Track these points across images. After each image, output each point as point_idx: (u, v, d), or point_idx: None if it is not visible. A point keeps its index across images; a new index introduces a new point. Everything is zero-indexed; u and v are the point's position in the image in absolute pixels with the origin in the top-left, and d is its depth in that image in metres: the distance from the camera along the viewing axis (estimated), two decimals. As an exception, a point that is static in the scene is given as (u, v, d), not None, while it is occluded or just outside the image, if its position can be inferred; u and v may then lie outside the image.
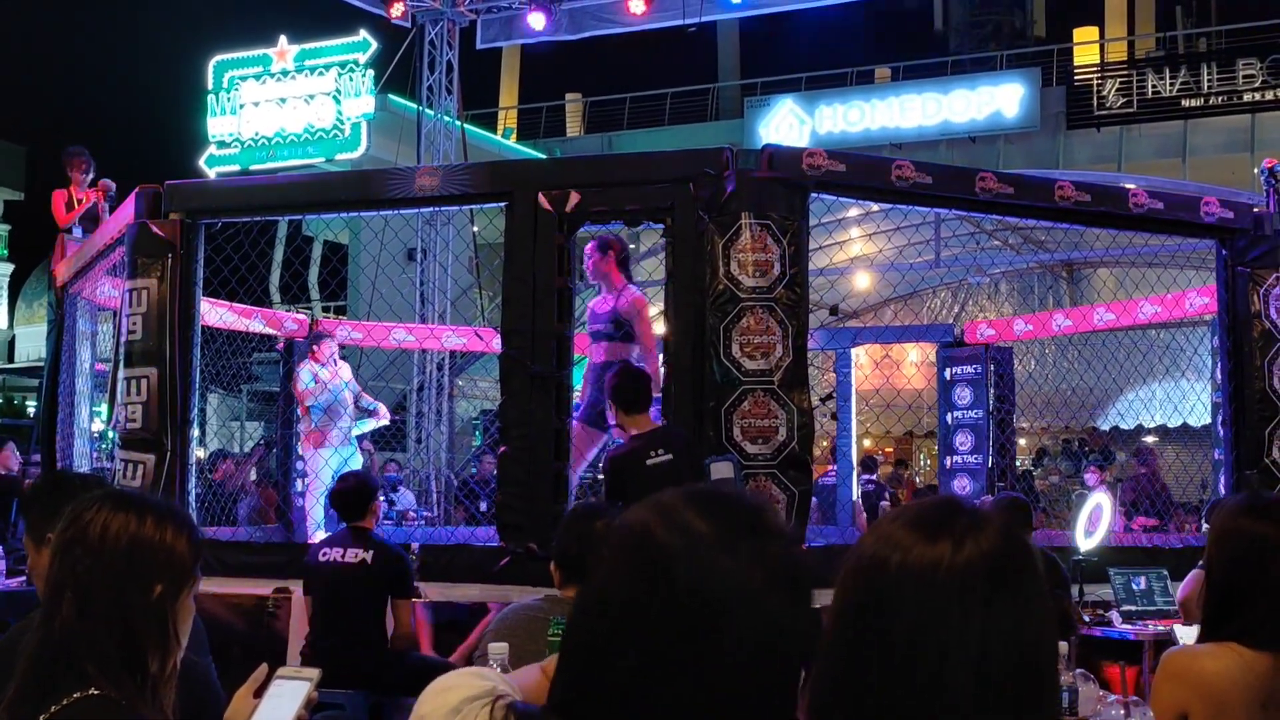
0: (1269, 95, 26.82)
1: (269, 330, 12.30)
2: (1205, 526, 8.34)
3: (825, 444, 16.73)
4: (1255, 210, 9.75)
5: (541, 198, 7.91)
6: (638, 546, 1.45)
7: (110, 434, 9.64)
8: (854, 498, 14.53)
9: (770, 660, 1.42)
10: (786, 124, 29.47)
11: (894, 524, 1.49)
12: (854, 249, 18.50)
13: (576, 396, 8.55)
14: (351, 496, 7.05)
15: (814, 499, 15.31)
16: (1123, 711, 3.11)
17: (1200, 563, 7.48)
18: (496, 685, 1.65)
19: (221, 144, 19.15)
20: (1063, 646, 3.12)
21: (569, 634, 1.48)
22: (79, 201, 12.18)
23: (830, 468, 15.46)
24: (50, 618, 2.27)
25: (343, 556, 6.80)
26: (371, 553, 6.78)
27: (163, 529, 2.34)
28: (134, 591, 2.28)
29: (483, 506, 13.06)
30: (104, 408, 10.60)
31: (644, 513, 1.47)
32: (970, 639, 1.39)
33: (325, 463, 10.64)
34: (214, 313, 10.87)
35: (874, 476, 16.35)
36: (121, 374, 8.63)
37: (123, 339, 8.66)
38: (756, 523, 1.46)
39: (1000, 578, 1.44)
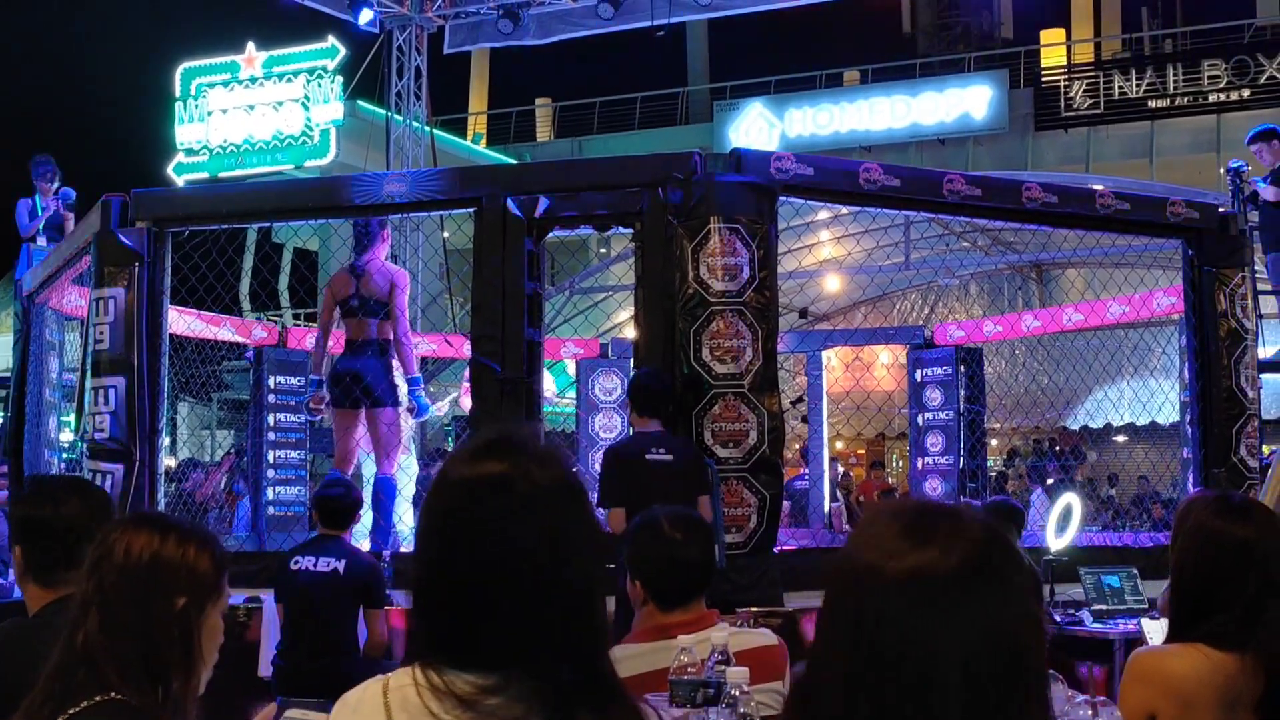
0: (1234, 96, 27.03)
1: (238, 338, 12.25)
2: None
3: (797, 447, 16.79)
4: (1221, 210, 9.82)
5: (510, 203, 7.90)
6: (435, 495, 1.77)
7: (78, 444, 9.57)
8: (825, 501, 14.59)
9: (567, 557, 1.70)
10: (756, 127, 29.53)
11: (880, 529, 1.50)
12: (824, 252, 18.54)
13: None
14: (339, 504, 7.01)
15: (787, 502, 15.47)
16: (1090, 712, 3.12)
17: None
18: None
19: (190, 151, 19.08)
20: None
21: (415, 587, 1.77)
22: (43, 210, 12.10)
23: (802, 470, 15.51)
24: (75, 632, 2.33)
25: (315, 565, 6.76)
26: (344, 562, 6.74)
27: (185, 547, 2.42)
28: (157, 605, 2.35)
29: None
30: (72, 417, 10.53)
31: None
32: (961, 639, 1.40)
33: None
34: (182, 321, 10.83)
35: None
36: (89, 383, 8.58)
37: (90, 348, 8.60)
38: (511, 442, 1.75)
39: (988, 576, 1.45)
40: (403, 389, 9.35)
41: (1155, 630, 5.88)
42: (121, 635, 2.31)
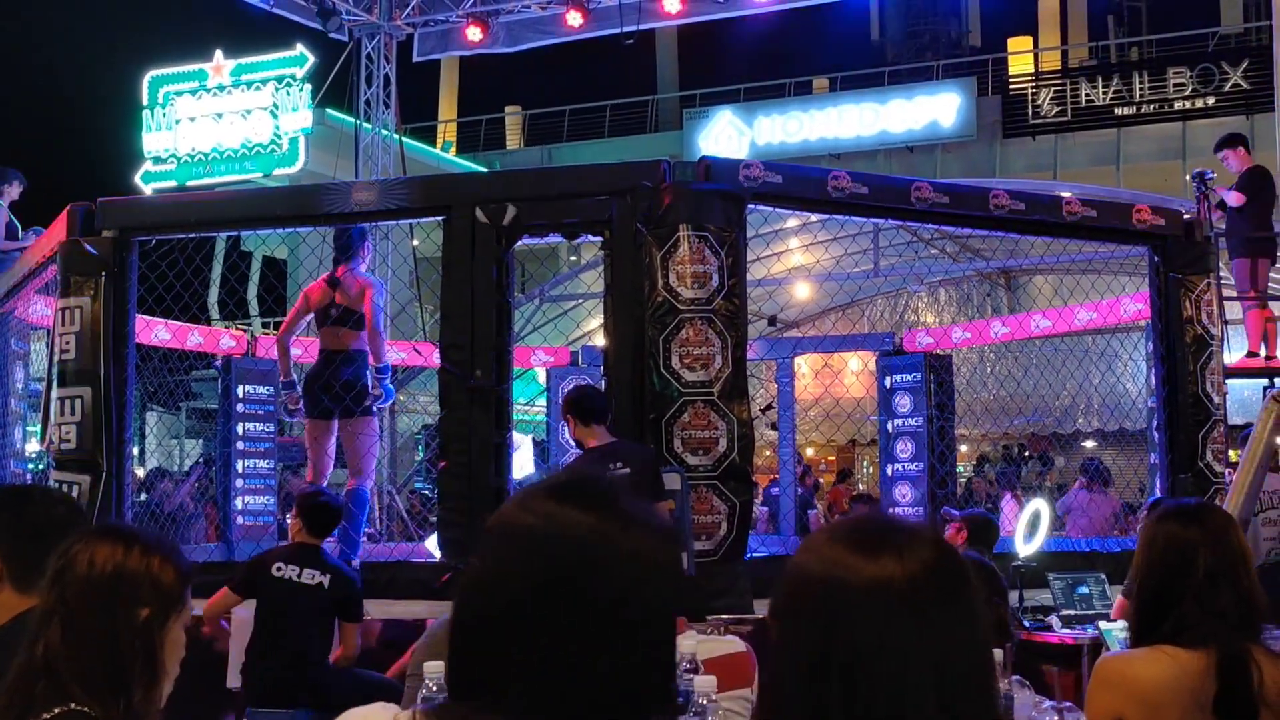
0: (1199, 103, 27.23)
1: (206, 348, 12.18)
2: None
3: (768, 453, 16.81)
4: (1186, 217, 9.89)
5: (479, 211, 7.89)
6: (512, 535, 1.54)
7: (44, 455, 9.51)
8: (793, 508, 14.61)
9: (641, 619, 1.49)
10: (725, 135, 29.59)
11: (832, 544, 1.50)
12: (793, 259, 18.55)
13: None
14: (326, 512, 7.02)
15: (764, 509, 15.53)
16: (1057, 717, 3.14)
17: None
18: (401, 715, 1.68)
19: (157, 160, 18.97)
20: (998, 654, 3.14)
21: (456, 621, 1.54)
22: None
23: (776, 477, 15.55)
24: (36, 642, 2.32)
25: (299, 575, 6.73)
26: (329, 576, 6.74)
27: (149, 559, 2.41)
28: (120, 616, 2.33)
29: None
30: (38, 428, 10.45)
31: (518, 513, 1.56)
32: (927, 650, 1.41)
33: None
34: (150, 330, 10.77)
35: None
36: (55, 394, 8.51)
37: (56, 358, 8.55)
38: (610, 498, 1.55)
39: (945, 588, 1.46)
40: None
41: (1115, 632, 5.90)
42: (83, 646, 2.30)
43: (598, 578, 1.48)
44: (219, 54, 18.79)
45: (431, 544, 9.31)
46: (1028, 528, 9.14)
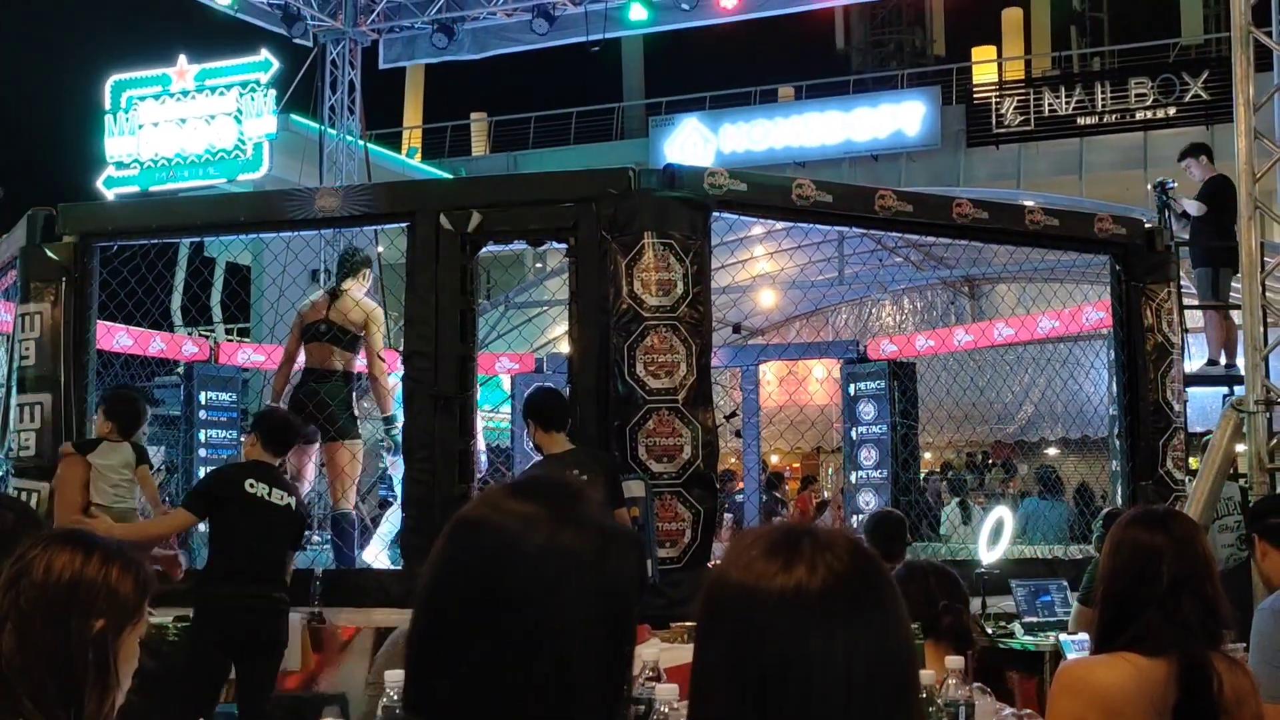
0: (1160, 113, 27.45)
1: (168, 354, 12.11)
2: (1098, 534, 8.47)
3: (734, 460, 16.82)
4: (1147, 226, 9.95)
5: (443, 218, 7.87)
6: (471, 536, 1.53)
7: (2, 462, 9.42)
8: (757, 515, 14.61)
9: (601, 624, 1.49)
10: (691, 142, 29.60)
11: (747, 553, 1.50)
12: (758, 267, 18.59)
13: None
14: (286, 422, 7.18)
15: (729, 515, 15.53)
16: (1018, 724, 3.15)
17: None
18: None
19: (120, 165, 18.85)
20: (959, 661, 3.15)
21: (414, 629, 1.51)
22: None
23: (741, 484, 15.55)
24: None
25: (269, 495, 6.62)
26: (294, 499, 6.78)
27: (108, 568, 2.37)
28: (75, 625, 2.30)
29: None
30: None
31: (473, 506, 1.56)
32: (835, 658, 1.41)
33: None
34: (111, 336, 10.70)
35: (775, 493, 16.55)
36: (14, 400, 8.44)
37: (15, 365, 8.47)
38: (574, 500, 1.54)
39: (856, 594, 1.45)
40: None
41: (1070, 643, 5.95)
42: (37, 656, 2.27)
43: (517, 570, 1.46)
44: (183, 58, 18.70)
45: (369, 554, 9.20)
46: (990, 535, 9.17)
